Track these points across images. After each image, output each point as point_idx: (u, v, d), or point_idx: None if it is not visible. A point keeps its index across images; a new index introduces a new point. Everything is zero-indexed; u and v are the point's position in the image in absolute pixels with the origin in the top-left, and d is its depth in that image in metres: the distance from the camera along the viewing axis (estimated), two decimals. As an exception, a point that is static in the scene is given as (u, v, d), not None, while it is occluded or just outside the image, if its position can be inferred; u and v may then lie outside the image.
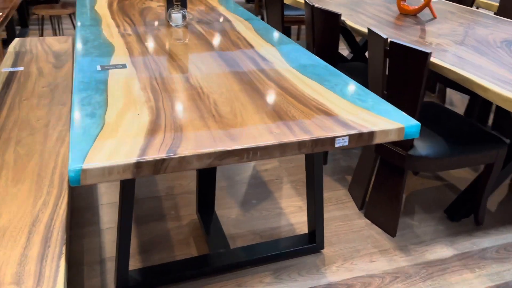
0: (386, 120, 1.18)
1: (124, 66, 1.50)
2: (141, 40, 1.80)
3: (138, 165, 0.95)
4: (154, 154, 0.97)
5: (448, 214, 2.08)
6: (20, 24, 4.80)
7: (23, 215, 1.25)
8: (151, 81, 1.38)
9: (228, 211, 2.04)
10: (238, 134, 1.08)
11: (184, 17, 2.03)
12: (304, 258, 1.78)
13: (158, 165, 0.96)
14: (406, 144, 1.79)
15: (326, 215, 2.05)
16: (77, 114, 1.14)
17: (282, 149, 1.06)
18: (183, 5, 2.07)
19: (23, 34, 4.48)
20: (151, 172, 0.97)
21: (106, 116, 1.13)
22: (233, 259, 1.68)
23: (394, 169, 1.88)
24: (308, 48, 2.45)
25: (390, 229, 1.94)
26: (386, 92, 1.79)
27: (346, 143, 1.12)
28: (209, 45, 1.77)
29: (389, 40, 1.70)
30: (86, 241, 1.82)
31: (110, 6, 2.37)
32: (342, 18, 2.41)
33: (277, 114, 1.19)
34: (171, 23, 2.03)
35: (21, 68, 2.30)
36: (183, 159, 0.98)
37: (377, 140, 1.14)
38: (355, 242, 1.89)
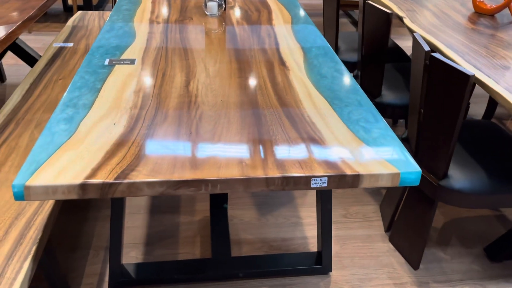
0: (382, 162, 1.01)
1: (132, 62, 1.46)
2: (167, 30, 1.75)
3: (83, 187, 0.91)
4: (103, 177, 0.92)
5: (488, 253, 1.82)
6: (102, -9, 5.00)
7: (11, 205, 1.29)
8: (149, 82, 1.33)
9: (242, 213, 1.98)
10: (203, 161, 0.99)
11: (220, 6, 1.93)
12: (308, 279, 1.67)
13: (105, 189, 0.92)
14: (439, 171, 1.56)
15: (347, 232, 1.90)
16: (55, 117, 1.12)
17: (246, 184, 0.96)
18: (221, -7, 1.97)
19: (101, 3, 4.67)
20: (98, 195, 0.92)
21: (82, 123, 1.10)
22: (230, 269, 1.62)
23: (424, 196, 1.67)
24: (358, 45, 2.23)
25: (413, 260, 1.75)
26: (423, 111, 1.57)
27: (325, 185, 0.98)
28: (232, 43, 1.66)
29: (430, 53, 1.47)
30: (99, 224, 1.87)
31: (157, -13, 2.34)
32: (401, 15, 2.15)
33: (260, 139, 1.08)
34: (206, 12, 1.94)
35: (70, 44, 2.37)
36: (132, 185, 0.92)
37: (364, 185, 0.99)
38: (370, 268, 1.73)
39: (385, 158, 1.03)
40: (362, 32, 2.11)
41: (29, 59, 2.70)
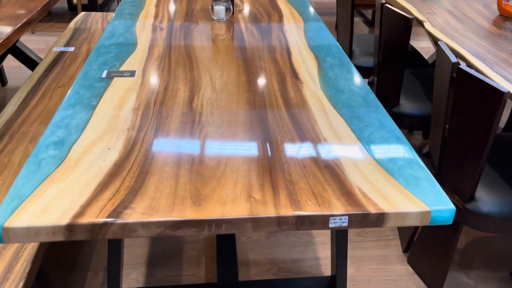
0: (409, 196, 0.89)
1: (132, 74, 1.35)
2: (170, 37, 1.63)
3: (70, 229, 0.80)
4: (93, 215, 0.81)
5: (515, 277, 1.70)
6: (108, -11, 4.89)
7: None
8: (149, 98, 1.21)
9: (251, 231, 1.86)
10: (207, 196, 0.87)
11: (228, 10, 1.81)
12: (321, 305, 1.55)
13: (95, 230, 0.81)
14: (466, 192, 1.44)
15: (362, 253, 1.78)
16: (44, 140, 1.01)
17: (255, 224, 0.84)
18: (229, -4, 1.85)
19: (107, 1, 4.56)
20: (87, 237, 0.81)
21: (73, 148, 0.99)
22: (237, 295, 1.51)
23: (449, 216, 1.55)
24: (374, 50, 2.10)
25: (434, 285, 1.63)
26: (448, 126, 1.44)
27: (345, 224, 0.86)
28: (240, 51, 1.54)
29: (457, 65, 1.34)
30: (98, 243, 1.77)
31: (162, -12, 2.23)
32: (421, 19, 2.02)
33: (271, 168, 0.96)
34: (213, 16, 1.82)
35: (71, 49, 2.27)
36: (125, 226, 0.81)
37: (389, 224, 0.87)
38: (387, 294, 1.61)
39: (413, 192, 0.90)
40: (380, 37, 1.98)
41: (30, 62, 2.61)
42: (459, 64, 1.35)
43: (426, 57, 3.73)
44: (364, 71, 2.42)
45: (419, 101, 1.97)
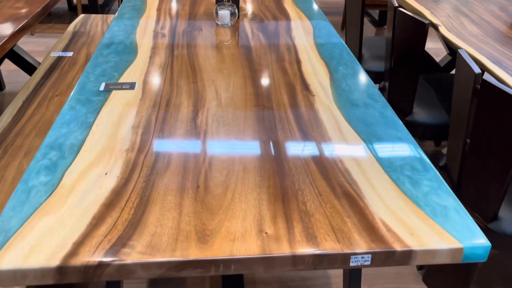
0: (437, 230, 0.80)
1: (132, 86, 1.26)
2: (172, 44, 1.54)
3: (61, 271, 0.71)
4: (87, 255, 0.72)
5: (537, 297, 1.61)
6: (109, -11, 4.80)
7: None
8: (150, 114, 1.13)
9: (257, 247, 1.78)
10: (213, 231, 0.79)
11: (233, 14, 1.72)
12: (332, 329, 1.47)
13: (89, 272, 0.72)
14: (488, 211, 1.35)
15: (375, 270, 1.69)
16: (35, 164, 0.93)
17: (267, 264, 0.76)
18: (235, 1, 1.76)
19: (108, 2, 4.47)
20: (80, 279, 0.73)
21: (67, 173, 0.91)
22: (243, 318, 1.43)
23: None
24: (386, 55, 2.01)
25: (451, 306, 1.54)
26: (469, 140, 1.35)
27: (368, 263, 0.77)
28: (247, 60, 1.45)
29: (481, 76, 1.25)
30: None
31: (164, -9, 2.14)
32: (436, 22, 1.92)
33: (284, 195, 0.87)
34: (217, 21, 1.74)
35: (70, 53, 2.19)
36: (123, 267, 0.73)
37: (417, 263, 0.78)
38: (402, 316, 1.52)
39: (442, 224, 0.82)
40: (392, 41, 1.88)
41: (28, 67, 2.53)
42: (483, 75, 1.26)
43: (435, 58, 3.64)
44: (374, 76, 2.33)
45: (434, 110, 1.88)
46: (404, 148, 1.03)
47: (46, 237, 0.75)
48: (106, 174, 0.91)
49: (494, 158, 1.27)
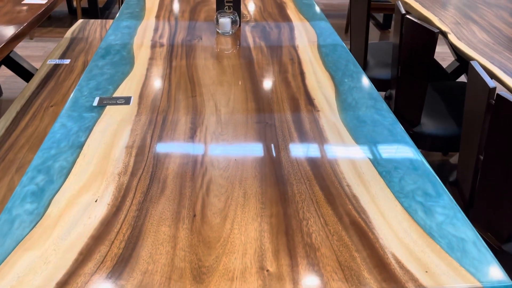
0: (453, 265, 0.74)
1: (127, 101, 1.20)
2: (171, 55, 1.48)
3: (42, 316, 0.66)
4: (71, 298, 0.66)
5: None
6: (110, -8, 4.75)
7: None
8: (146, 133, 1.06)
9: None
10: (210, 268, 0.72)
11: (234, 22, 1.66)
12: None
13: (73, 317, 0.66)
14: (503, 232, 1.28)
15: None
16: (20, 190, 0.87)
17: (269, 306, 0.69)
18: (236, 8, 1.70)
19: (108, 5, 4.42)
20: (64, 324, 0.67)
21: (54, 201, 0.85)
22: None
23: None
24: (392, 62, 1.94)
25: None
26: (482, 157, 1.28)
27: (378, 304, 0.71)
28: (248, 72, 1.39)
29: (495, 91, 1.18)
30: None
31: (163, -3, 2.08)
32: (445, 30, 1.85)
33: (287, 226, 0.81)
34: (218, 29, 1.67)
35: (67, 61, 2.13)
36: (110, 311, 0.67)
37: (432, 304, 0.72)
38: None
39: (459, 260, 0.75)
40: (399, 49, 1.82)
41: (25, 74, 2.47)
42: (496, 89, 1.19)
43: (441, 62, 3.57)
44: (380, 83, 2.26)
45: (443, 120, 1.81)
46: (415, 171, 0.96)
47: (28, 277, 0.69)
48: (96, 201, 0.85)
49: (509, 177, 1.20)
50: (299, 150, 1.02)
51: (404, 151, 1.03)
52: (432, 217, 0.84)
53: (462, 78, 3.18)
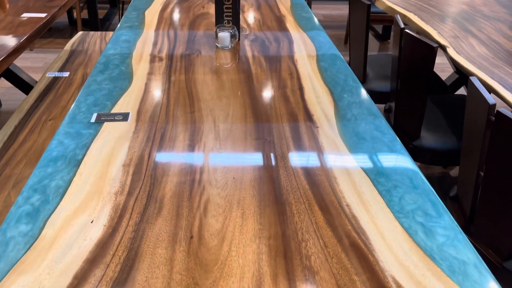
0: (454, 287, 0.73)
1: (125, 117, 1.19)
2: (170, 69, 1.48)
3: None
4: (64, 325, 0.65)
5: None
6: (109, 2, 4.77)
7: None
8: (143, 150, 1.06)
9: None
10: (208, 291, 0.71)
11: (233, 36, 1.66)
12: None
13: None
14: (504, 249, 1.27)
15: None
16: (15, 210, 0.86)
17: (267, 332, 0.68)
18: (235, 22, 1.70)
19: (108, 16, 4.44)
20: None
21: (49, 222, 0.83)
22: None
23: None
24: (392, 75, 1.94)
25: None
26: (483, 173, 1.27)
27: (379, 330, 0.70)
28: (247, 87, 1.38)
29: (495, 108, 1.17)
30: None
31: (163, 10, 2.08)
32: (444, 44, 1.85)
33: (284, 248, 0.80)
34: (217, 43, 1.67)
35: (66, 74, 2.13)
36: (105, 338, 0.65)
37: (434, 330, 0.70)
38: None
39: (461, 285, 0.74)
40: (399, 62, 1.82)
41: (24, 86, 2.47)
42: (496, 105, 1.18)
43: (439, 73, 3.57)
44: (379, 96, 2.26)
45: (442, 134, 1.80)
46: (415, 189, 0.95)
47: (21, 302, 0.68)
48: (92, 222, 0.84)
49: (510, 193, 1.19)
50: (298, 169, 1.01)
51: (403, 169, 1.02)
52: (433, 238, 0.83)
53: (462, 90, 3.18)
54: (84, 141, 1.08)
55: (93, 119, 1.17)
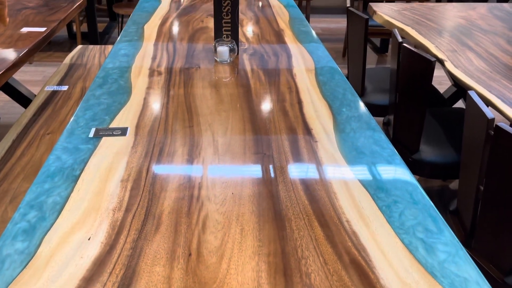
0: (459, 309, 0.72)
1: (124, 132, 1.19)
2: (169, 83, 1.48)
3: None
4: None
5: None
6: (109, 15, 4.80)
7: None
8: (141, 165, 1.05)
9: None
10: (206, 309, 0.70)
11: (232, 51, 1.67)
12: None
13: None
14: (505, 264, 1.26)
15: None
16: (12, 227, 0.85)
17: None
18: (234, 36, 1.71)
19: (108, 29, 4.46)
20: None
21: (45, 239, 0.82)
22: None
23: None
24: (390, 89, 1.94)
25: None
26: (483, 187, 1.27)
27: None
28: (246, 101, 1.38)
29: (494, 122, 1.17)
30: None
31: (162, 25, 2.09)
32: (441, 58, 1.86)
33: (284, 266, 0.79)
34: (216, 58, 1.68)
35: (65, 87, 2.13)
36: None
37: None
38: None
39: (462, 300, 0.73)
40: (397, 76, 1.82)
41: (23, 100, 2.47)
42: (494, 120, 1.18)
43: (437, 86, 3.58)
44: (377, 109, 2.26)
45: (442, 147, 1.80)
46: (415, 205, 0.95)
47: (16, 322, 0.67)
48: (89, 239, 0.83)
49: (511, 207, 1.18)
50: (297, 183, 1.01)
51: (403, 184, 1.02)
52: (433, 254, 0.82)
53: (460, 103, 3.19)
54: (82, 156, 1.07)
55: (91, 134, 1.17)
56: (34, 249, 0.80)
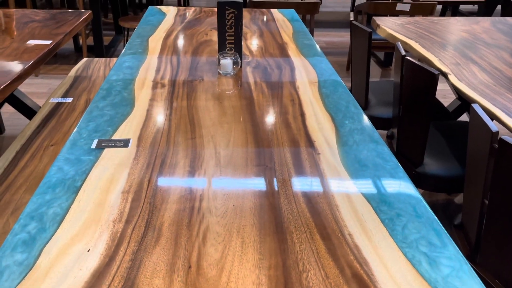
0: (463, 325, 0.70)
1: (126, 143, 1.19)
2: (172, 95, 1.49)
3: None
4: None
5: None
6: (115, 29, 4.86)
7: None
8: (143, 177, 1.05)
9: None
10: (206, 323, 0.69)
11: (235, 63, 1.67)
12: None
13: None
14: (510, 279, 1.23)
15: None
16: (11, 238, 0.84)
17: None
18: (237, 49, 1.72)
19: (114, 43, 4.51)
20: None
21: (45, 250, 0.82)
22: None
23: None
24: (394, 102, 1.94)
25: None
26: (487, 201, 1.25)
27: None
28: (249, 113, 1.38)
29: (498, 135, 1.16)
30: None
31: (166, 38, 2.10)
32: (445, 71, 1.86)
33: (285, 279, 0.78)
34: (219, 70, 1.68)
35: (69, 99, 2.14)
36: None
37: None
38: None
39: (466, 316, 0.72)
40: (400, 89, 1.82)
41: (28, 111, 2.49)
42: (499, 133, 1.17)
43: (441, 99, 3.58)
44: (381, 122, 2.26)
45: (446, 161, 1.79)
46: (419, 218, 0.94)
47: (13, 334, 0.66)
48: (88, 250, 0.82)
49: (515, 222, 1.17)
50: (299, 196, 1.00)
51: (406, 197, 1.01)
52: (437, 269, 0.81)
53: (464, 117, 3.18)
54: (84, 168, 1.07)
55: (93, 145, 1.17)
56: (33, 260, 0.79)
